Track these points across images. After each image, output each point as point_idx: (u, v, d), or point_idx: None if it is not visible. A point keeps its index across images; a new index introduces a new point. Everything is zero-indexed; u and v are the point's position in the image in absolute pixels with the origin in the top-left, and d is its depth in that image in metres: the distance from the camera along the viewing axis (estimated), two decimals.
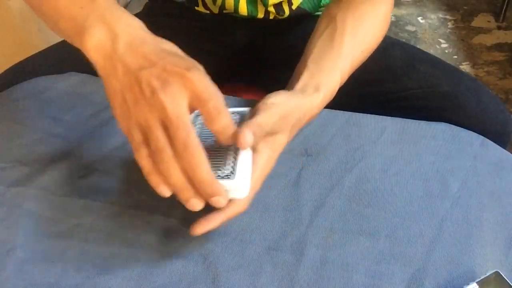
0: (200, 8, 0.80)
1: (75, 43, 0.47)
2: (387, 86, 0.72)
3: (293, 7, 0.78)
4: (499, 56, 1.89)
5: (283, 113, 0.50)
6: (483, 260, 0.50)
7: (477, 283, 0.47)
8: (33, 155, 0.62)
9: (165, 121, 0.42)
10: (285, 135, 0.51)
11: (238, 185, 0.46)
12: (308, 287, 0.49)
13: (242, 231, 0.54)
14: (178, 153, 0.42)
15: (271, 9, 0.76)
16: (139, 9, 0.90)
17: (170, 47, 0.46)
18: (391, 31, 2.00)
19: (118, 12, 0.46)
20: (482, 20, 2.07)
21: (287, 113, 0.51)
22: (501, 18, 2.04)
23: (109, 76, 0.44)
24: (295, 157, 0.61)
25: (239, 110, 0.53)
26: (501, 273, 0.47)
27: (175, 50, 0.46)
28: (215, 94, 0.43)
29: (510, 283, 0.46)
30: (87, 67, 0.48)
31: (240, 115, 0.53)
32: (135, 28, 0.46)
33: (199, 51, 0.83)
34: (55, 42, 0.81)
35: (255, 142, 0.46)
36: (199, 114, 0.53)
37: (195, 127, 0.49)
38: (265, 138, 0.50)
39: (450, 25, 2.05)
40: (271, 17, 0.78)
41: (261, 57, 0.83)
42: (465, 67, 1.84)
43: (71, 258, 0.52)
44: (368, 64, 0.63)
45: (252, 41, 0.82)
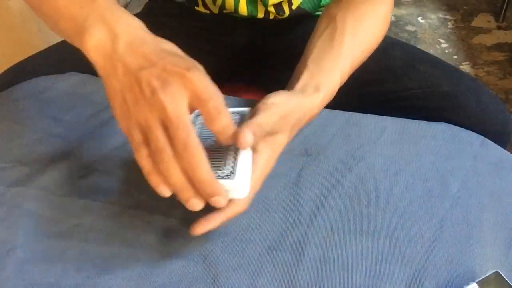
0: (200, 8, 0.80)
1: (75, 43, 0.47)
2: (387, 86, 0.72)
3: (293, 7, 0.78)
4: (499, 56, 1.90)
5: (283, 113, 0.50)
6: (483, 260, 0.50)
7: (477, 283, 0.47)
8: (33, 155, 0.62)
9: (165, 121, 0.42)
10: (285, 135, 0.51)
11: (238, 185, 0.46)
12: (308, 287, 0.49)
13: (242, 231, 0.54)
14: (178, 153, 0.42)
15: (271, 9, 0.76)
16: (139, 9, 0.90)
17: (170, 47, 0.46)
18: (391, 31, 2.00)
19: (118, 12, 0.46)
20: (482, 20, 2.07)
21: (287, 113, 0.51)
22: (501, 18, 2.04)
23: (109, 76, 0.44)
24: (295, 157, 0.61)
25: (239, 110, 0.53)
26: (501, 273, 0.47)
27: (175, 50, 0.46)
28: (215, 94, 0.43)
29: (510, 283, 0.46)
30: (87, 67, 0.48)
31: (240, 115, 0.53)
32: (135, 28, 0.46)
33: (199, 51, 0.83)
34: (55, 42, 0.81)
35: (255, 142, 0.46)
36: (199, 114, 0.52)
37: (195, 127, 0.49)
38: (265, 138, 0.50)
39: (450, 25, 2.05)
40: (271, 17, 0.78)
41: (261, 57, 0.83)
42: (465, 67, 1.84)
43: (71, 258, 0.52)
44: (368, 64, 0.63)
45: (252, 41, 0.82)
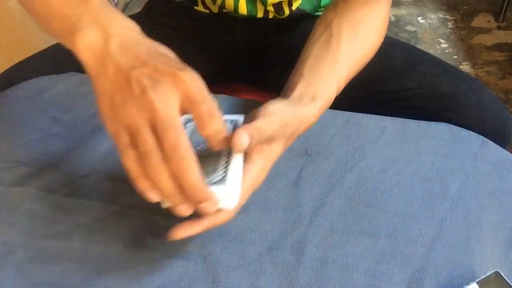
0: (199, 8, 0.80)
1: (66, 43, 0.46)
2: (387, 86, 0.72)
3: (293, 7, 0.78)
4: (499, 56, 1.89)
5: (283, 122, 0.49)
6: (483, 260, 0.50)
7: (477, 283, 0.47)
8: (33, 155, 0.62)
9: (154, 122, 0.40)
10: (280, 145, 0.50)
11: (229, 192, 0.44)
12: (308, 287, 0.49)
13: (242, 231, 0.54)
14: (167, 156, 0.40)
15: (270, 8, 0.76)
16: (139, 9, 0.90)
17: (164, 50, 0.45)
18: (391, 31, 2.01)
19: (112, 14, 0.45)
20: (482, 20, 2.07)
21: (286, 123, 0.49)
22: (501, 18, 2.04)
23: (99, 76, 0.43)
24: (295, 157, 0.61)
25: (232, 117, 0.51)
26: (501, 273, 0.47)
27: (169, 53, 0.45)
28: (209, 97, 0.42)
29: (510, 283, 0.46)
30: None
31: (233, 123, 0.51)
32: (129, 30, 0.45)
33: (199, 50, 0.84)
34: (55, 42, 0.81)
35: (250, 146, 0.44)
36: (190, 119, 0.50)
37: (186, 131, 0.47)
38: (260, 147, 0.48)
39: (450, 25, 2.05)
40: (270, 16, 0.78)
41: (261, 57, 0.83)
42: (465, 67, 1.84)
43: (71, 258, 0.52)
44: (368, 64, 0.63)
45: (252, 40, 0.82)
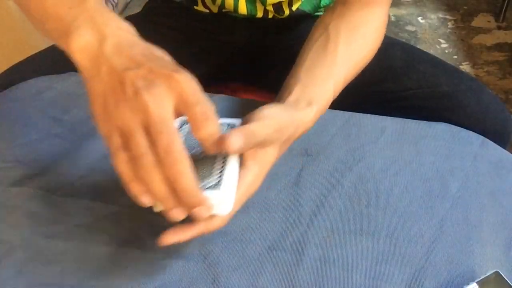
0: (199, 7, 0.80)
1: (61, 44, 0.45)
2: (387, 86, 0.72)
3: (293, 8, 0.78)
4: (499, 56, 1.90)
5: (278, 126, 0.48)
6: (483, 260, 0.50)
7: (477, 283, 0.47)
8: (33, 155, 0.62)
9: (148, 124, 0.39)
10: (275, 150, 0.49)
11: (223, 197, 0.43)
12: (308, 287, 0.49)
13: (242, 231, 0.54)
14: (160, 158, 0.38)
15: (269, 8, 0.76)
16: (139, 9, 0.90)
17: (159, 52, 0.44)
18: (391, 31, 2.01)
19: (108, 15, 0.45)
20: (482, 20, 2.07)
21: (281, 127, 0.48)
22: (501, 18, 2.04)
23: (93, 77, 0.42)
24: (295, 157, 0.61)
25: (228, 121, 0.50)
26: (501, 273, 0.47)
27: (164, 55, 0.44)
28: (204, 99, 0.41)
29: (510, 283, 0.46)
30: None
31: (229, 127, 0.50)
32: (124, 32, 0.44)
33: (199, 50, 0.84)
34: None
35: (244, 149, 0.43)
36: (185, 121, 0.49)
37: (180, 134, 0.46)
38: (254, 153, 0.47)
39: (450, 25, 2.05)
40: (270, 16, 0.78)
41: (260, 56, 0.83)
42: (465, 67, 1.84)
43: (71, 258, 0.52)
44: (368, 64, 0.63)
45: (251, 40, 0.82)
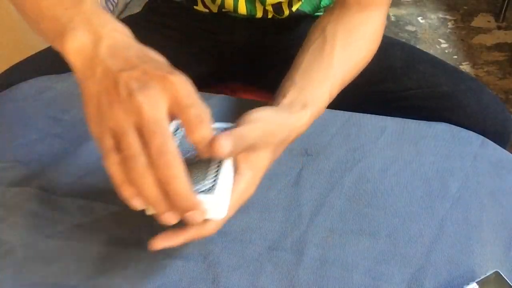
0: (199, 7, 0.80)
1: (55, 45, 0.45)
2: (387, 86, 0.72)
3: (293, 9, 0.78)
4: (499, 56, 1.90)
5: (267, 128, 0.47)
6: (483, 260, 0.50)
7: (477, 283, 0.47)
8: (33, 155, 0.62)
9: (141, 126, 0.38)
10: (268, 153, 0.48)
11: (217, 202, 0.43)
12: (308, 287, 0.49)
13: (242, 231, 0.54)
14: (153, 160, 0.38)
15: (269, 8, 0.76)
16: (139, 9, 0.90)
17: (154, 54, 0.44)
18: (391, 31, 2.01)
19: (104, 16, 0.45)
20: (482, 20, 2.07)
21: (271, 130, 0.48)
22: (501, 18, 2.04)
23: (87, 79, 0.42)
24: (295, 157, 0.61)
25: (222, 125, 0.49)
26: (501, 273, 0.47)
27: (159, 58, 0.44)
28: (198, 102, 0.40)
29: (510, 283, 0.47)
30: None
31: (222, 131, 0.48)
32: (120, 33, 0.44)
33: (199, 50, 0.84)
34: None
35: (234, 152, 0.42)
36: (180, 126, 0.49)
37: (175, 138, 0.46)
38: (247, 157, 0.46)
39: (450, 25, 2.06)
40: (270, 16, 0.78)
41: (260, 57, 0.83)
42: (465, 67, 1.85)
43: (71, 258, 0.52)
44: (369, 64, 0.63)
45: (251, 40, 0.82)
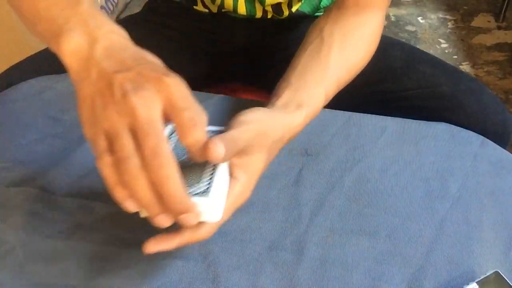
0: (199, 7, 0.80)
1: (51, 46, 0.45)
2: (387, 86, 0.72)
3: (293, 9, 0.78)
4: (499, 56, 1.90)
5: (259, 130, 0.46)
6: (483, 260, 0.50)
7: (477, 283, 0.47)
8: (33, 155, 0.62)
9: (135, 127, 0.38)
10: (263, 155, 0.47)
11: (212, 204, 0.42)
12: (308, 286, 0.49)
13: (242, 230, 0.54)
14: (146, 162, 0.37)
15: (268, 8, 0.76)
16: (139, 9, 0.90)
17: (150, 56, 0.43)
18: (391, 31, 2.01)
19: (101, 18, 0.44)
20: (482, 20, 2.07)
21: (264, 131, 0.47)
22: (501, 18, 2.04)
23: (82, 80, 0.41)
24: (295, 157, 0.61)
25: (216, 129, 0.48)
26: (501, 273, 0.47)
27: (155, 60, 0.44)
28: (193, 104, 0.39)
29: (510, 283, 0.47)
30: None
31: (216, 134, 0.47)
32: (116, 35, 0.44)
33: (199, 50, 0.84)
34: None
35: (227, 156, 0.41)
36: (175, 130, 0.48)
37: (169, 142, 0.45)
38: (241, 161, 0.46)
39: (450, 25, 2.06)
40: (269, 17, 0.78)
41: (260, 57, 0.83)
42: (465, 67, 1.85)
43: (71, 258, 0.52)
44: (368, 64, 0.63)
45: (251, 40, 0.82)
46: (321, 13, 0.81)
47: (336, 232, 0.53)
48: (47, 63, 0.77)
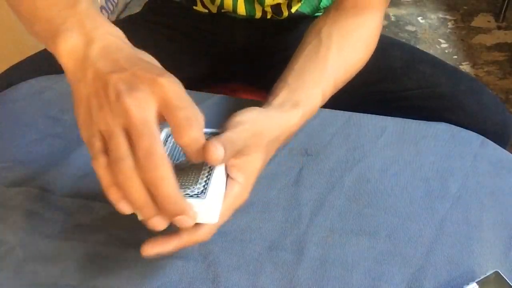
0: (198, 8, 0.80)
1: (49, 46, 0.45)
2: (387, 86, 0.72)
3: (292, 10, 0.78)
4: (499, 56, 1.90)
5: (255, 129, 0.46)
6: (483, 260, 0.50)
7: (477, 283, 0.47)
8: (33, 155, 0.62)
9: (129, 128, 0.38)
10: (259, 155, 0.47)
11: (209, 206, 0.41)
12: (308, 286, 0.49)
13: (242, 230, 0.54)
14: (140, 163, 0.37)
15: (268, 9, 0.76)
16: (139, 9, 0.90)
17: (147, 57, 0.43)
18: (391, 31, 2.01)
19: (99, 19, 0.44)
20: (482, 20, 2.07)
21: (260, 130, 0.47)
22: (501, 18, 2.04)
23: (79, 81, 0.41)
24: (295, 157, 0.61)
25: (211, 131, 0.47)
26: (501, 273, 0.47)
27: (151, 60, 0.43)
28: (189, 104, 0.39)
29: (510, 283, 0.47)
30: None
31: (211, 137, 0.46)
32: (113, 36, 0.44)
33: (198, 51, 0.84)
34: None
35: (225, 158, 0.41)
36: (171, 134, 0.48)
37: (165, 146, 0.45)
38: (238, 162, 0.46)
39: (450, 25, 2.05)
40: (269, 17, 0.78)
41: (260, 57, 0.83)
42: (465, 67, 1.85)
43: (71, 258, 0.52)
44: (368, 64, 0.63)
45: (251, 41, 0.82)
46: (321, 14, 0.81)
47: (336, 232, 0.53)
48: (47, 63, 0.77)
